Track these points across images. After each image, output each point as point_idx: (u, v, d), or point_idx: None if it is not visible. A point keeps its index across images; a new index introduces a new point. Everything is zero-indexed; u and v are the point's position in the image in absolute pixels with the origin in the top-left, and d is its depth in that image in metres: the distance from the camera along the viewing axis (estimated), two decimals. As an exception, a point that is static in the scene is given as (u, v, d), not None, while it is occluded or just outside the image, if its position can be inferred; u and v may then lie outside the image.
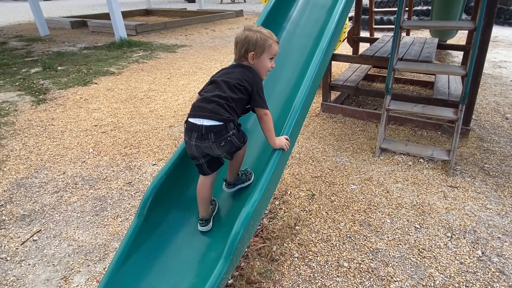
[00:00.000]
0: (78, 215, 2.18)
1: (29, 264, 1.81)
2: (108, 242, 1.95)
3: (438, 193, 2.27)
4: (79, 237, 1.99)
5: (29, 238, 1.99)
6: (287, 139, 1.54)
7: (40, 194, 2.40)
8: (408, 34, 5.73)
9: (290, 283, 1.65)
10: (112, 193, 2.39)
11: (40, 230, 2.06)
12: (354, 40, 4.58)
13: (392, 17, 8.59)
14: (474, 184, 2.35)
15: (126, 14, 11.32)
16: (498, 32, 7.55)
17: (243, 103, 1.44)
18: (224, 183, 1.69)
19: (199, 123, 1.36)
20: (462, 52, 4.48)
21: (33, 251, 1.90)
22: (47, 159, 2.85)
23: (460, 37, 6.53)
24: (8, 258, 1.85)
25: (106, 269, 1.57)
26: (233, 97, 1.39)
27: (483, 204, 2.15)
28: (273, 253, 1.81)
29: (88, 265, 1.79)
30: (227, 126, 1.37)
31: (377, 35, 5.75)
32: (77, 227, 2.08)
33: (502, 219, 2.02)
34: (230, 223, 1.38)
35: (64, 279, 1.72)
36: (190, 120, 1.39)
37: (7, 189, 2.45)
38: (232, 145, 1.42)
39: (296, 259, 1.78)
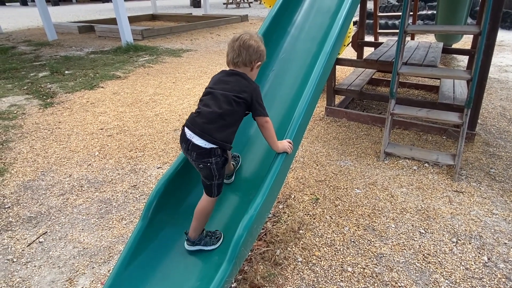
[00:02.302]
0: (84, 217, 2.20)
1: (34, 266, 1.83)
2: (112, 244, 1.96)
3: (443, 198, 2.25)
4: (84, 239, 2.00)
5: (35, 240, 2.01)
6: (289, 142, 1.54)
7: (46, 196, 2.43)
8: (412, 38, 5.72)
9: (293, 287, 1.64)
10: (117, 195, 2.41)
11: (46, 232, 2.08)
12: (358, 45, 4.58)
13: (396, 22, 8.58)
14: (480, 189, 2.33)
15: (132, 19, 11.47)
16: (504, 36, 7.50)
17: (240, 114, 1.43)
18: (185, 237, 1.52)
19: (189, 137, 1.38)
20: (468, 57, 4.46)
21: (39, 253, 1.92)
22: (53, 161, 2.89)
23: (466, 42, 6.50)
24: (15, 260, 1.87)
25: (110, 271, 1.58)
26: (230, 110, 1.38)
27: (489, 210, 2.13)
28: (276, 257, 1.81)
29: (92, 267, 1.80)
30: (212, 152, 1.36)
31: (381, 39, 5.75)
32: (82, 229, 2.09)
33: (508, 224, 2.00)
34: (234, 227, 1.38)
35: (69, 281, 1.73)
36: (185, 130, 1.41)
37: (14, 191, 2.48)
38: (210, 172, 1.40)
39: (299, 263, 1.78)
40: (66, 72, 5.63)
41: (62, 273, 1.78)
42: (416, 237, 1.92)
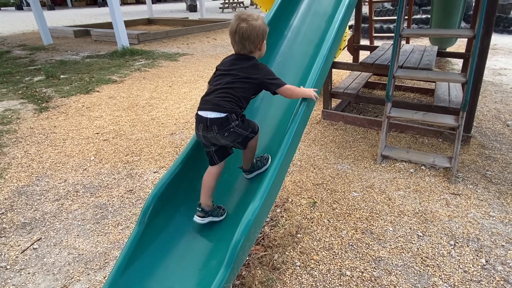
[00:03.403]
0: (79, 223, 2.17)
1: (28, 273, 1.79)
2: (108, 250, 1.93)
3: (441, 200, 2.26)
4: (79, 246, 1.98)
5: (29, 246, 1.98)
6: (314, 90, 1.61)
7: (41, 202, 2.40)
8: (408, 42, 5.77)
9: (292, 292, 1.63)
10: (113, 200, 2.38)
11: (41, 238, 2.05)
12: (354, 48, 4.61)
13: (391, 25, 8.66)
14: (477, 191, 2.34)
15: (128, 23, 11.46)
16: (497, 39, 7.60)
17: (250, 91, 1.51)
18: (242, 171, 1.73)
19: (205, 116, 1.45)
20: (462, 60, 4.50)
21: (33, 259, 1.89)
22: (48, 166, 2.86)
23: (460, 45, 6.57)
24: (8, 267, 1.84)
25: (106, 278, 1.55)
26: (239, 87, 1.47)
27: (486, 212, 2.13)
28: (274, 261, 1.79)
29: (88, 274, 1.78)
30: (229, 118, 1.44)
31: (377, 43, 5.79)
32: (78, 235, 2.06)
33: (505, 226, 2.01)
34: (231, 231, 1.37)
35: (63, 288, 1.70)
36: (198, 112, 1.49)
37: (8, 197, 2.45)
38: (237, 135, 1.49)
39: (298, 267, 1.76)
40: (61, 76, 5.60)
41: (57, 280, 1.75)
42: (414, 240, 1.92)
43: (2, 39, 10.03)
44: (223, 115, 1.44)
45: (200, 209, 1.58)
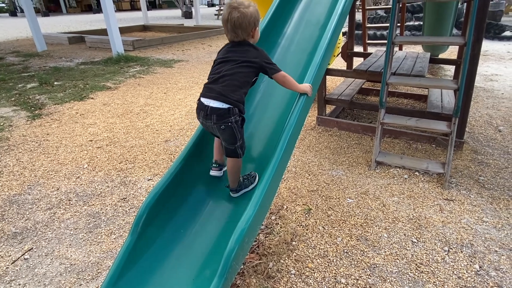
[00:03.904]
0: (71, 232, 2.14)
1: (19, 284, 1.76)
2: (101, 260, 1.91)
3: (434, 206, 2.27)
4: (71, 255, 1.95)
5: (20, 256, 1.95)
6: (310, 86, 1.66)
7: (32, 211, 2.36)
8: (400, 49, 5.85)
9: (287, 301, 1.62)
10: (106, 209, 2.36)
11: (32, 248, 2.02)
12: (348, 55, 4.66)
13: (384, 32, 8.78)
14: (470, 197, 2.36)
15: (123, 30, 11.48)
16: (488, 46, 7.73)
17: (251, 76, 1.54)
18: (231, 189, 1.71)
19: (206, 103, 1.47)
20: (454, 66, 4.57)
21: (24, 270, 1.85)
22: (41, 175, 2.83)
23: (452, 51, 6.68)
24: (-2, 278, 1.80)
25: (98, 289, 1.53)
26: (241, 72, 1.49)
27: (479, 217, 2.15)
28: (269, 269, 1.78)
29: (80, 285, 1.75)
30: (231, 111, 1.46)
31: (370, 49, 5.86)
32: (70, 244, 2.04)
33: (498, 232, 2.02)
34: (225, 240, 1.36)
35: (55, 299, 1.67)
36: (201, 99, 1.51)
37: (-1, 206, 2.41)
38: (232, 132, 1.50)
39: (293, 275, 1.76)
40: (55, 83, 5.57)
41: (48, 291, 1.72)
42: (408, 247, 1.93)
43: (-4, 46, 9.98)
44: (225, 106, 1.45)
45: (216, 165, 1.71)
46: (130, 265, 1.45)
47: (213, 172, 1.73)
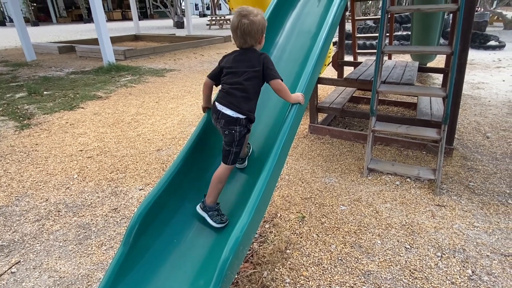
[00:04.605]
0: (60, 244, 2.10)
1: (5, 299, 1.71)
2: (91, 272, 1.87)
3: (426, 212, 2.30)
4: (60, 268, 1.90)
5: (7, 270, 1.89)
6: (302, 95, 1.69)
7: (20, 222, 2.31)
8: (390, 58, 5.98)
9: (282, 310, 1.60)
10: (96, 220, 2.32)
11: (19, 261, 1.96)
12: (338, 64, 4.75)
13: (374, 42, 8.97)
14: (461, 202, 2.39)
15: (114, 40, 11.48)
16: (474, 55, 7.96)
17: (259, 85, 1.62)
18: (202, 200, 1.64)
19: (219, 108, 1.59)
20: (442, 75, 4.69)
21: (11, 284, 1.80)
22: (29, 186, 2.77)
23: (439, 60, 6.85)
24: (-17, 293, 1.75)
25: (88, 302, 1.49)
26: (251, 84, 1.57)
27: (471, 222, 2.18)
28: (264, 279, 1.77)
29: (69, 298, 1.71)
30: (238, 121, 1.56)
31: (360, 59, 5.99)
32: (59, 257, 1.99)
33: (489, 237, 2.05)
34: (219, 249, 1.35)
35: (43, 314, 1.62)
36: (216, 103, 1.61)
37: (-15, 219, 2.35)
38: (232, 138, 1.58)
39: (287, 284, 1.75)
40: (44, 92, 5.51)
41: (36, 305, 1.67)
42: (402, 253, 1.94)
43: (-17, 55, 9.85)
44: (235, 115, 1.55)
45: (240, 160, 1.74)
46: (121, 277, 1.43)
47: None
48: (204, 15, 37.11)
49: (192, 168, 1.77)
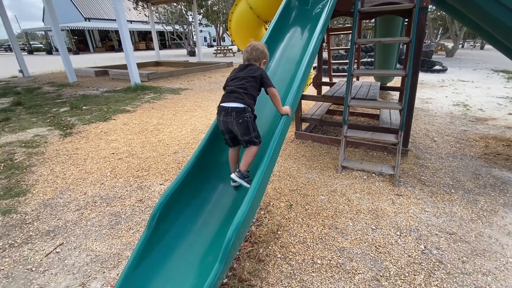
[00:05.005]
0: (96, 229, 2.07)
1: (51, 274, 1.68)
2: (121, 251, 1.85)
3: (388, 200, 2.31)
4: (96, 248, 1.88)
5: (53, 250, 1.87)
6: (289, 108, 1.71)
7: (64, 212, 2.28)
8: (358, 79, 6.03)
9: (274, 280, 1.59)
10: (125, 209, 2.30)
11: (63, 243, 1.94)
12: (317, 84, 4.77)
13: (345, 67, 9.06)
14: (415, 192, 2.41)
15: (140, 65, 11.45)
16: (423, 77, 8.06)
17: (256, 87, 1.64)
18: (235, 171, 1.63)
19: (227, 105, 1.57)
20: (399, 92, 4.74)
21: (56, 261, 1.77)
22: (71, 182, 2.74)
23: (396, 81, 6.93)
24: (33, 269, 1.72)
25: (119, 275, 1.48)
26: (249, 85, 1.61)
27: (423, 208, 2.19)
28: (260, 255, 1.76)
29: (103, 272, 1.68)
30: (246, 109, 1.56)
31: (335, 80, 6.03)
32: (95, 239, 1.97)
33: (437, 219, 2.06)
34: (224, 231, 1.34)
35: (82, 285, 1.60)
36: (221, 104, 1.60)
37: (35, 209, 2.32)
38: (247, 125, 1.56)
39: (279, 259, 1.74)
40: (83, 107, 5.47)
41: (76, 279, 1.65)
42: (369, 233, 1.94)
43: (34, 78, 9.77)
44: (242, 106, 1.55)
45: (237, 170, 1.67)
46: (146, 254, 1.42)
47: (235, 177, 1.62)
48: (211, 46, 37.22)
49: (202, 167, 1.76)
